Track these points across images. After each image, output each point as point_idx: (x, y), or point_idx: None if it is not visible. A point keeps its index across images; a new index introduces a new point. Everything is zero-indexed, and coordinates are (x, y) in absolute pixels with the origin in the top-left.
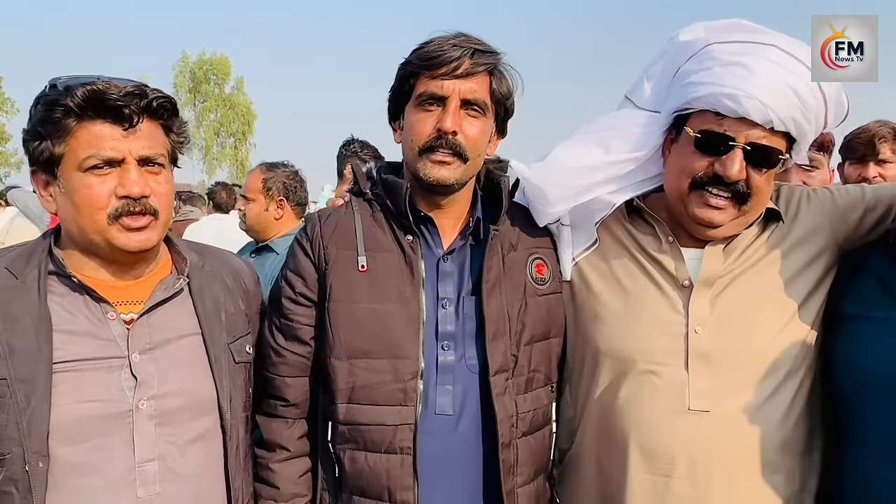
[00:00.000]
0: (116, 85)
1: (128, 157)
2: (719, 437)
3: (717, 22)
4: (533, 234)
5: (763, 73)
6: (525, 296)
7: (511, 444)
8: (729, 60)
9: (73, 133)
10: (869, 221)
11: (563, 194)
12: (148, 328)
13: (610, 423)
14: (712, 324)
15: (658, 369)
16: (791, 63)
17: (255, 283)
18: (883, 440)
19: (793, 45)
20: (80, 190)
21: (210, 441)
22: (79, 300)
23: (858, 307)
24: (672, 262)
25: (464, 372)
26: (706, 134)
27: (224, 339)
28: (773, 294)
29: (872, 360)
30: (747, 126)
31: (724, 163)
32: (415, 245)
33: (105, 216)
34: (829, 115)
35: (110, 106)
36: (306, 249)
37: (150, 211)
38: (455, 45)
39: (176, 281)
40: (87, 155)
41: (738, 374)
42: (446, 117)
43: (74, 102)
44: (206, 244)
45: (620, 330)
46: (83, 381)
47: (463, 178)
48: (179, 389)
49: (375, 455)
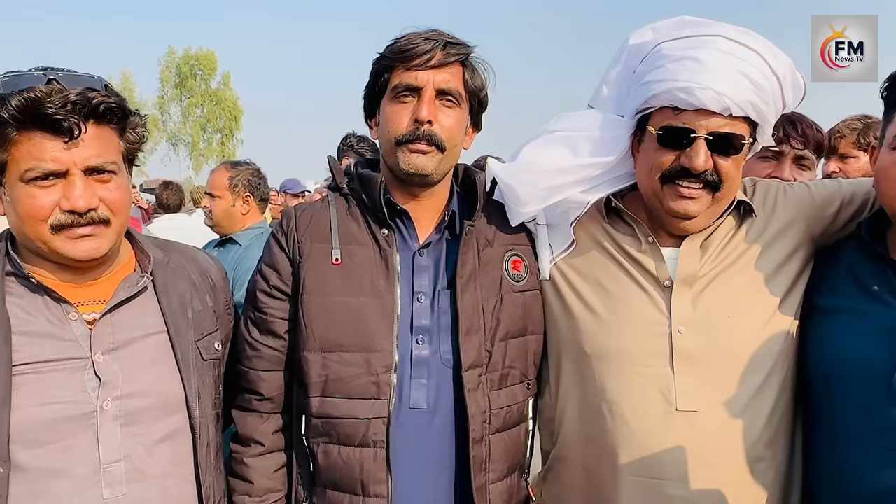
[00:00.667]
0: (60, 91)
1: (72, 168)
2: (708, 436)
3: (664, 21)
4: (510, 232)
5: (713, 63)
6: (501, 292)
7: (483, 439)
8: (679, 56)
9: (13, 142)
10: (844, 216)
11: (535, 194)
12: (111, 327)
13: (597, 425)
14: (695, 323)
15: (643, 370)
16: (739, 50)
17: (222, 278)
18: (851, 428)
19: (740, 34)
20: (22, 200)
21: (178, 440)
22: (38, 301)
23: (831, 300)
24: (652, 263)
25: (438, 366)
26: (667, 129)
27: (191, 337)
28: (755, 290)
29: (842, 350)
30: (706, 116)
31: (689, 155)
32: (390, 239)
33: (47, 227)
34: (787, 96)
35: (48, 118)
36: (281, 242)
37: (99, 220)
38: (427, 39)
39: (139, 279)
40: (28, 167)
41: (724, 373)
42: (422, 107)
43: (9, 114)
44: (172, 240)
45: (604, 331)
46: (45, 384)
47: (440, 169)
48: (145, 389)
49: (349, 448)
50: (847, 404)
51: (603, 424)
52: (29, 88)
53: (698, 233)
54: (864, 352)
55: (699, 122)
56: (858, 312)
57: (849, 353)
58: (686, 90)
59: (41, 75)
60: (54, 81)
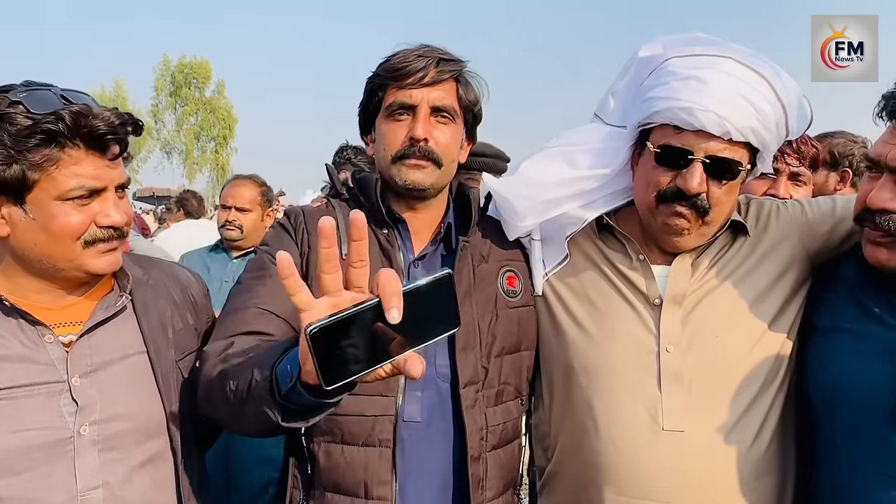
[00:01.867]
0: (104, 112)
1: (109, 185)
2: (695, 456)
3: (676, 36)
4: (505, 247)
5: (717, 85)
6: (496, 308)
7: (481, 457)
8: (685, 74)
9: (56, 161)
10: (839, 233)
11: (532, 208)
12: (88, 349)
13: (584, 442)
14: (684, 342)
15: (631, 388)
16: (746, 74)
17: (204, 295)
18: (852, 453)
19: (749, 57)
20: (59, 218)
21: (159, 464)
22: (12, 324)
23: (831, 320)
24: (643, 280)
25: (433, 380)
26: (665, 148)
27: (172, 357)
28: (744, 310)
29: (842, 372)
30: (705, 138)
31: (684, 176)
32: (391, 237)
33: (80, 243)
34: (791, 123)
35: (100, 136)
36: (290, 232)
37: (121, 237)
38: (420, 56)
39: (118, 298)
40: (73, 186)
41: (712, 393)
42: (417, 125)
43: (64, 127)
44: (152, 257)
45: (592, 348)
46: (19, 410)
47: (437, 184)
48: (125, 412)
49: (353, 448)
50: (848, 429)
51: (590, 442)
52: (86, 106)
53: (690, 251)
54: (865, 375)
55: (698, 143)
56: (859, 334)
57: (849, 377)
58: (687, 110)
59: (46, 91)
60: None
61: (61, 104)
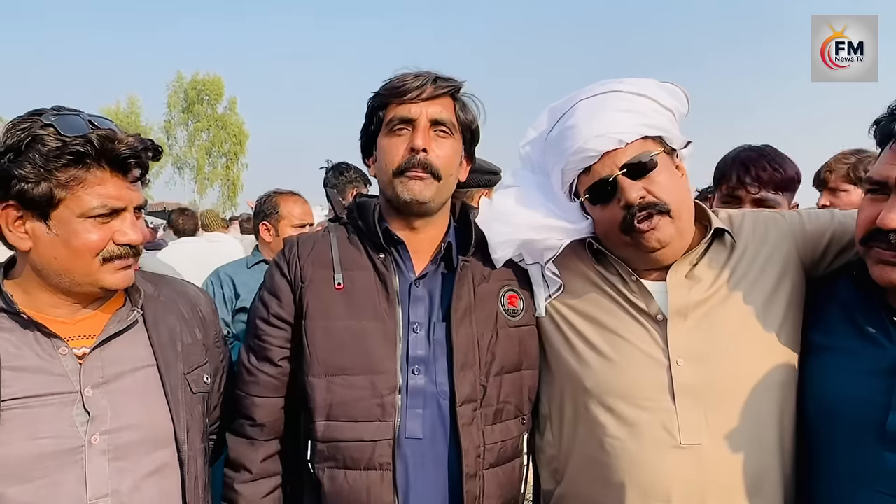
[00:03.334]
0: (126, 136)
1: (129, 205)
2: (713, 469)
3: (540, 119)
4: (507, 267)
5: (584, 119)
6: (496, 326)
7: (477, 474)
8: (561, 134)
9: (82, 181)
10: (835, 247)
11: (506, 244)
12: (101, 362)
13: (601, 462)
14: (693, 356)
15: (646, 404)
16: (598, 100)
17: (212, 311)
18: (846, 469)
19: (595, 88)
20: (80, 235)
21: (166, 474)
22: (28, 336)
23: (825, 338)
24: (641, 299)
25: (433, 397)
26: (591, 189)
27: (180, 370)
28: (751, 320)
29: (836, 391)
30: (609, 157)
31: (622, 197)
32: (387, 262)
33: (99, 259)
34: (666, 103)
35: (122, 159)
36: (283, 269)
37: (136, 255)
38: (418, 76)
39: (129, 313)
40: (96, 205)
41: (726, 405)
42: (416, 136)
43: (89, 149)
44: (162, 274)
45: (606, 368)
46: (34, 418)
47: (438, 197)
48: (134, 423)
49: (355, 472)
50: (842, 445)
51: (607, 461)
52: (111, 129)
53: (680, 261)
54: (858, 394)
55: (607, 165)
56: (852, 352)
57: (842, 395)
58: (579, 150)
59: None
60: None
61: (89, 128)
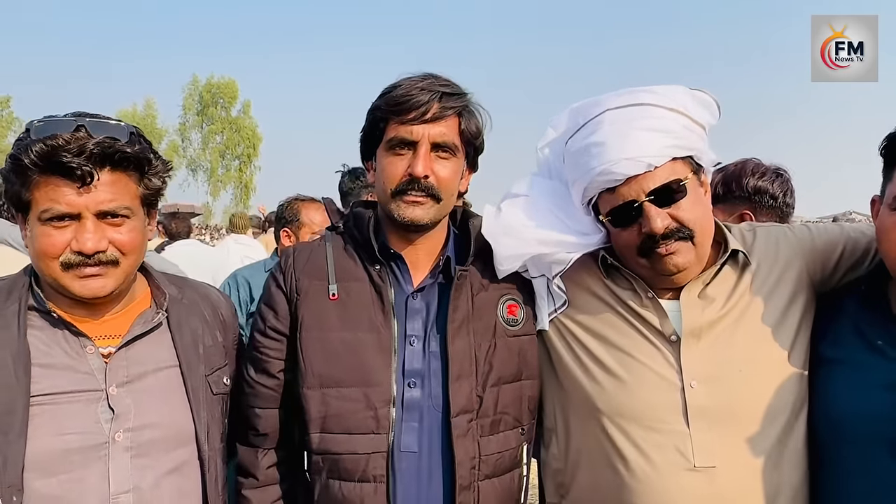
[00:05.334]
0: (80, 139)
1: (84, 212)
2: (728, 491)
3: (558, 118)
4: (507, 276)
5: (611, 138)
6: (494, 336)
7: (471, 486)
8: (583, 146)
9: (34, 185)
10: (845, 263)
11: (513, 258)
12: (126, 361)
13: (611, 482)
14: (707, 378)
15: (659, 426)
16: (629, 112)
17: (232, 315)
18: (857, 483)
19: (622, 96)
20: (38, 238)
21: (186, 472)
22: (58, 334)
23: (834, 351)
24: (656, 318)
25: (429, 410)
26: (613, 212)
27: (202, 371)
28: (763, 340)
29: (845, 404)
30: (637, 181)
31: (645, 223)
32: (383, 274)
33: (58, 265)
34: (699, 118)
35: (64, 165)
36: (279, 282)
37: (107, 262)
38: (423, 89)
39: (155, 315)
40: (44, 208)
41: (740, 427)
42: (417, 162)
43: (30, 160)
44: (185, 277)
45: (618, 389)
46: (60, 414)
47: (437, 217)
48: (157, 421)
49: (350, 484)
50: (852, 459)
51: (618, 482)
52: (52, 136)
53: (694, 282)
54: (868, 407)
55: (633, 189)
56: (861, 365)
57: (852, 409)
58: (605, 172)
59: (71, 121)
60: (82, 128)
61: (70, 132)
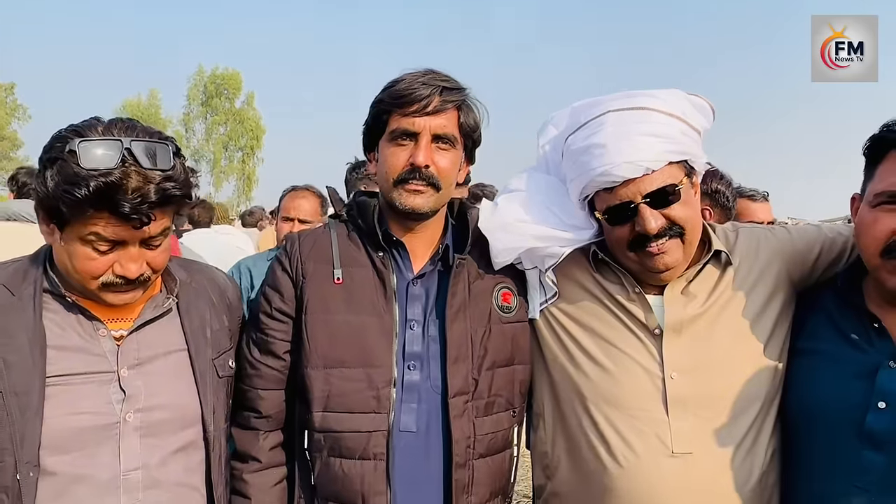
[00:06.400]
0: (138, 181)
1: (129, 240)
2: (704, 477)
3: (559, 114)
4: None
5: (612, 140)
6: (489, 322)
7: (466, 464)
8: (584, 146)
9: (83, 213)
10: (823, 262)
11: (509, 251)
12: (137, 344)
13: (593, 466)
14: (687, 369)
15: (640, 414)
16: (630, 116)
17: (237, 298)
18: (826, 465)
19: (623, 99)
20: (79, 258)
21: (191, 452)
22: (71, 318)
23: (810, 343)
24: (641, 311)
25: (428, 392)
26: (609, 210)
27: (209, 355)
28: (741, 335)
29: (818, 392)
30: (633, 183)
31: (640, 223)
32: (385, 260)
33: (98, 283)
34: (696, 123)
35: (123, 211)
36: (285, 265)
37: (142, 282)
38: (424, 84)
39: (165, 300)
40: (91, 233)
41: (716, 416)
42: (419, 152)
43: (84, 196)
44: (193, 260)
45: (601, 377)
46: (74, 394)
47: (436, 206)
48: (165, 403)
49: (350, 461)
50: (823, 442)
51: (600, 467)
52: (106, 172)
53: (678, 279)
54: (840, 395)
55: (630, 191)
56: (835, 357)
57: (824, 396)
58: (604, 174)
59: (115, 144)
60: (127, 153)
61: (112, 165)
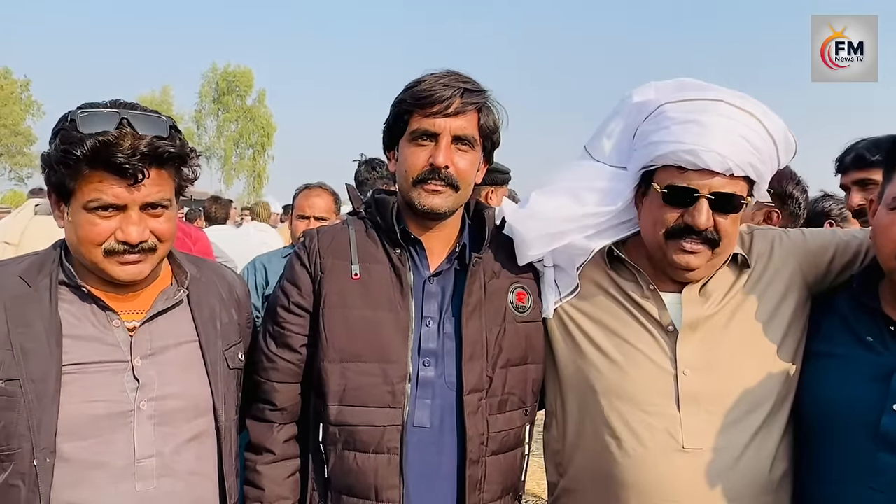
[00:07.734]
0: (132, 138)
1: (130, 204)
2: (714, 473)
3: (665, 82)
4: (517, 265)
5: (716, 127)
6: (504, 321)
7: (480, 461)
8: (683, 119)
9: (82, 176)
10: (837, 265)
11: (539, 240)
12: (149, 335)
13: (605, 461)
14: (700, 367)
15: (651, 409)
16: (739, 114)
17: (245, 294)
18: (841, 467)
19: (739, 99)
20: (83, 225)
21: (204, 441)
22: (86, 308)
23: (826, 346)
24: (655, 309)
25: (442, 388)
26: (672, 188)
27: (219, 347)
28: (755, 335)
29: (833, 394)
30: (708, 176)
31: (692, 213)
32: (403, 257)
33: (101, 251)
34: (781, 156)
35: (117, 164)
36: (303, 260)
37: (147, 249)
38: (446, 85)
39: (176, 292)
40: (91, 198)
41: (728, 413)
42: (439, 153)
43: (82, 154)
44: (202, 257)
45: (614, 372)
46: (89, 383)
47: (454, 206)
48: (178, 392)
49: (364, 455)
50: (838, 444)
51: (611, 461)
52: (103, 132)
53: (696, 281)
54: (855, 397)
55: (702, 181)
56: (851, 359)
57: (840, 398)
58: (692, 152)
59: (114, 114)
60: (125, 122)
61: (107, 127)
